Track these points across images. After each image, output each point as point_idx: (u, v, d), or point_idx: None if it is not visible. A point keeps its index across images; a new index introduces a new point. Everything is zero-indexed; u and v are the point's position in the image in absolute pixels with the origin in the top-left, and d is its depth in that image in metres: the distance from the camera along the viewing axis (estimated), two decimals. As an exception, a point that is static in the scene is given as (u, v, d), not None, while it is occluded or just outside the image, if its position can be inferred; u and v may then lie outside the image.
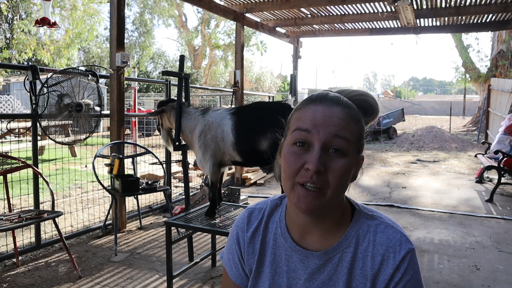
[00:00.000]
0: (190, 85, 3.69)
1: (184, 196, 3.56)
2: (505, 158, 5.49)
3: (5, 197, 3.18)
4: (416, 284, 0.87)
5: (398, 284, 0.86)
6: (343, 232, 0.91)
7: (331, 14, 7.15)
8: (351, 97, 0.92)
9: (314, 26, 8.00)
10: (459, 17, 7.12)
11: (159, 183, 4.06)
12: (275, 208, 1.01)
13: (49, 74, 3.41)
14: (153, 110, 3.57)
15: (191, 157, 4.13)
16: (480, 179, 6.68)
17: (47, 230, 3.92)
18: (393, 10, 6.46)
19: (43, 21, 4.27)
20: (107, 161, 3.84)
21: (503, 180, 5.55)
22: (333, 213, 0.91)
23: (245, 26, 6.56)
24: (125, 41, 4.24)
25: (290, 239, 0.94)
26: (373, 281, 0.87)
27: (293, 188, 0.85)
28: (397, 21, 7.18)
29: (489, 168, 5.78)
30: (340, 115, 0.85)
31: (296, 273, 0.93)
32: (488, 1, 6.09)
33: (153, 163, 4.37)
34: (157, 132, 3.40)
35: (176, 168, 6.62)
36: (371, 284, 0.87)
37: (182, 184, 5.31)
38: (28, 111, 5.51)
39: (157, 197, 5.30)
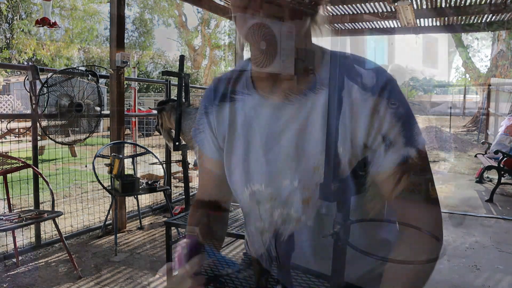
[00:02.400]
0: (190, 85, 3.69)
1: (184, 196, 3.56)
2: (505, 158, 5.49)
3: (5, 197, 3.18)
4: (407, 110, 0.79)
5: (386, 109, 0.78)
6: (314, 75, 0.84)
7: (331, 14, 7.15)
8: None
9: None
10: (459, 17, 7.12)
11: (159, 183, 4.06)
12: (242, 69, 0.94)
13: (49, 74, 3.41)
14: (153, 110, 3.58)
15: (191, 157, 4.13)
16: (480, 179, 6.68)
17: (47, 230, 3.92)
18: (393, 10, 6.46)
19: (43, 21, 4.27)
20: (107, 161, 3.84)
21: (503, 180, 5.55)
22: (299, 60, 0.82)
23: (245, 26, 6.55)
24: (125, 41, 4.24)
25: (258, 95, 0.88)
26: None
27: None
28: (397, 21, 7.18)
29: (489, 168, 5.78)
30: None
31: (270, 127, 0.87)
32: (488, 1, 6.09)
33: (153, 163, 4.37)
34: (157, 132, 3.41)
35: (176, 168, 6.62)
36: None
37: (182, 184, 5.31)
38: (28, 111, 5.51)
39: (157, 197, 5.29)
